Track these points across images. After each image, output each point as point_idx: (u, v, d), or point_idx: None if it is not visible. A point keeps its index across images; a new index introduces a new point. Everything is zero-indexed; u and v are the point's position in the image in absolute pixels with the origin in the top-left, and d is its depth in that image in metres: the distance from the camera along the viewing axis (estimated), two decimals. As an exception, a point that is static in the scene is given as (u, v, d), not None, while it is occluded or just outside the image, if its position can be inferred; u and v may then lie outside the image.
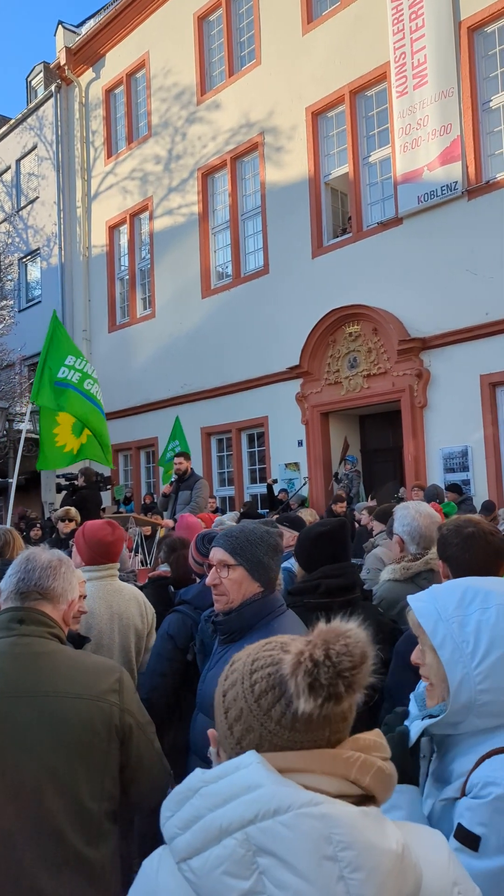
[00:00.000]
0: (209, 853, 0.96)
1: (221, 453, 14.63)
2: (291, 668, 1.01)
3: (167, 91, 15.74)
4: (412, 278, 11.09)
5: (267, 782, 0.98)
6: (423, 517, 3.08)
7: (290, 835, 0.93)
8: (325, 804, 0.96)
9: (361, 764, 1.01)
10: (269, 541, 2.19)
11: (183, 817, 1.01)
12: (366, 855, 0.93)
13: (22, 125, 20.03)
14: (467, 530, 2.20)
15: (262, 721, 1.03)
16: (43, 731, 1.69)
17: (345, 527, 2.85)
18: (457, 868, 1.05)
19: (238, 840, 0.95)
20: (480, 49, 10.64)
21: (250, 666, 1.08)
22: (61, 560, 1.99)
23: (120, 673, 1.88)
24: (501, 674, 1.40)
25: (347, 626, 1.05)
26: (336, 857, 0.92)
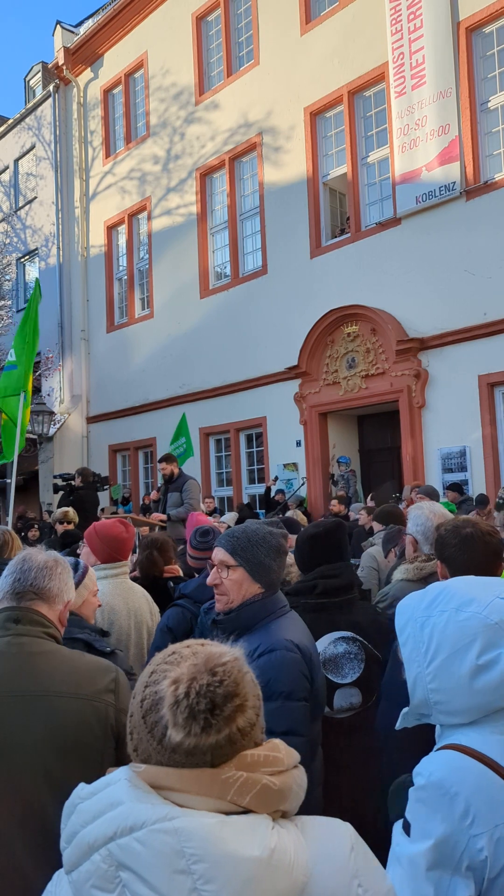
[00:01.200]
0: (82, 867, 1.02)
1: (220, 453, 14.63)
2: (164, 694, 1.03)
3: (165, 91, 15.74)
4: (410, 279, 11.09)
5: (127, 799, 1.01)
6: (437, 517, 3.07)
7: (143, 850, 0.97)
8: (179, 818, 0.98)
9: (241, 784, 1.01)
10: (272, 542, 2.18)
11: (67, 832, 1.06)
12: (219, 866, 0.95)
13: (20, 125, 20.01)
14: (465, 531, 2.20)
15: (147, 738, 1.06)
16: (38, 731, 1.68)
17: (341, 527, 2.85)
18: (359, 860, 1.06)
19: (102, 856, 1.00)
20: (479, 49, 10.65)
21: (147, 678, 1.10)
22: (57, 561, 1.99)
23: (116, 673, 1.87)
24: (446, 676, 1.45)
25: (222, 659, 1.05)
26: (189, 870, 0.95)
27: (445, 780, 1.37)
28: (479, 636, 1.44)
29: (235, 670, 1.05)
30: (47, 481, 15.03)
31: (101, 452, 17.06)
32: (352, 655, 2.50)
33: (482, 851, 1.31)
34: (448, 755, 1.42)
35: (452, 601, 1.51)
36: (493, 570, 2.18)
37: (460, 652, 1.44)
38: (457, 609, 1.49)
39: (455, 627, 1.46)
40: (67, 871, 1.04)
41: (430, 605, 1.53)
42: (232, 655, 1.07)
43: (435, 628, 1.48)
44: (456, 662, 1.44)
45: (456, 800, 1.34)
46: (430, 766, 1.42)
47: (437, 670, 1.46)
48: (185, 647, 1.11)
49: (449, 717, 1.48)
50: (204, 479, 14.45)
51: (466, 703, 1.44)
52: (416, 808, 1.39)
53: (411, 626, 1.53)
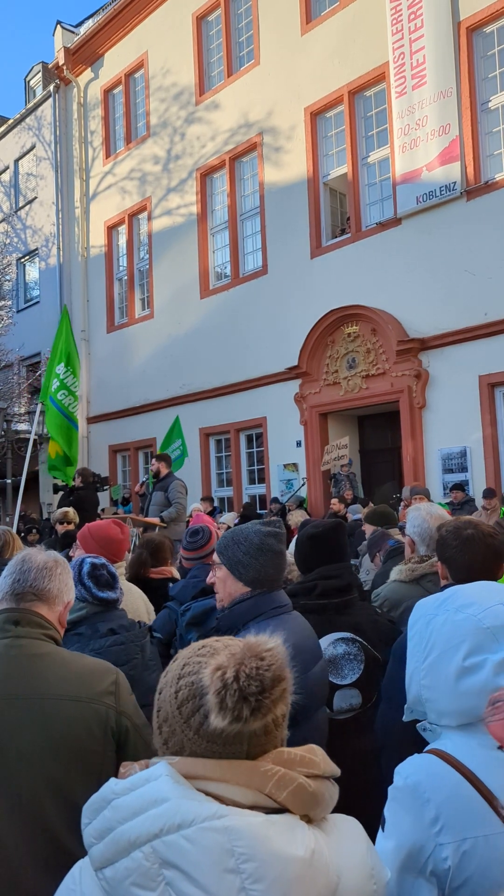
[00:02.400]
0: (120, 864, 0.99)
1: (220, 454, 14.62)
2: (208, 682, 1.03)
3: (166, 91, 15.73)
4: (411, 279, 11.08)
5: (173, 796, 1.00)
6: (435, 519, 3.07)
7: (192, 849, 0.96)
8: (228, 817, 0.98)
9: (279, 778, 1.02)
10: (254, 540, 2.16)
11: (97, 828, 1.04)
12: (268, 865, 0.95)
13: (20, 125, 20.01)
14: (466, 532, 2.20)
15: (183, 728, 1.06)
16: (38, 733, 1.68)
17: (341, 528, 2.84)
18: (373, 857, 1.11)
19: (145, 853, 0.98)
20: (479, 49, 10.64)
21: (180, 670, 1.11)
22: (57, 561, 1.98)
23: (116, 675, 1.86)
24: (437, 674, 1.47)
25: (267, 645, 1.07)
26: (238, 870, 0.95)
27: (420, 785, 1.38)
28: (468, 638, 1.44)
29: (281, 655, 1.07)
30: (47, 481, 15.02)
31: (101, 453, 17.06)
32: (351, 656, 2.49)
33: (447, 860, 1.31)
34: (428, 760, 1.43)
35: (456, 602, 1.53)
36: (494, 572, 2.18)
37: (450, 651, 1.46)
38: (456, 610, 1.50)
39: (450, 627, 1.48)
40: (98, 866, 1.02)
41: (440, 605, 1.55)
42: (275, 642, 1.08)
43: (435, 626, 1.51)
44: (445, 662, 1.46)
45: (427, 806, 1.35)
46: (410, 768, 1.43)
47: (429, 667, 1.49)
48: (215, 641, 1.13)
49: (439, 717, 1.49)
50: (204, 480, 14.45)
51: (452, 704, 1.46)
52: (391, 806, 1.41)
53: (420, 623, 1.56)
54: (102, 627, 2.50)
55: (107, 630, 2.50)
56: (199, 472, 14.42)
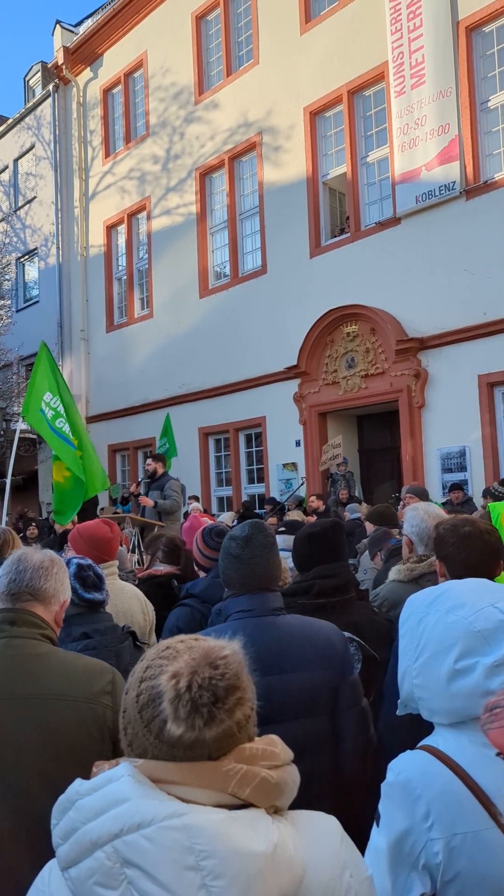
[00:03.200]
0: (83, 864, 1.00)
1: (219, 453, 14.62)
2: (164, 688, 1.03)
3: (165, 91, 15.72)
4: (410, 278, 11.08)
5: (133, 796, 1.01)
6: (433, 518, 3.06)
7: (152, 847, 0.97)
8: (188, 815, 0.98)
9: (241, 776, 1.02)
10: (225, 542, 2.23)
11: (63, 828, 1.05)
12: (227, 862, 0.96)
13: (20, 125, 20.00)
14: (464, 529, 2.20)
15: (144, 733, 1.06)
16: (35, 733, 1.68)
17: (339, 527, 2.84)
18: (349, 853, 1.09)
19: (107, 853, 0.99)
20: (478, 49, 10.64)
21: (142, 673, 1.10)
22: (53, 560, 1.97)
23: (112, 674, 1.86)
24: (429, 674, 1.48)
25: (222, 652, 1.06)
26: (198, 867, 0.95)
27: (412, 781, 1.40)
28: (460, 641, 1.45)
29: (236, 663, 1.06)
30: (47, 481, 15.02)
31: (100, 452, 16.96)
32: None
33: (437, 855, 1.34)
34: (421, 757, 1.45)
35: (448, 602, 1.53)
36: (492, 569, 2.17)
37: (442, 653, 1.46)
38: (448, 611, 1.50)
39: (442, 628, 1.49)
40: (64, 867, 1.03)
41: (431, 604, 1.55)
42: (231, 649, 1.08)
43: (427, 626, 1.52)
44: (437, 663, 1.47)
45: (419, 802, 1.37)
46: (402, 764, 1.45)
47: (421, 667, 1.50)
48: (179, 642, 1.12)
49: (431, 715, 1.51)
50: (203, 479, 14.45)
51: (444, 704, 1.47)
52: (384, 802, 1.44)
53: (411, 621, 1.57)
54: (76, 631, 2.50)
55: (80, 633, 2.50)
56: (199, 472, 14.42)
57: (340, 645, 2.21)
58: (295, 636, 2.13)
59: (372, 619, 2.71)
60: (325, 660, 2.14)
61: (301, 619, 2.30)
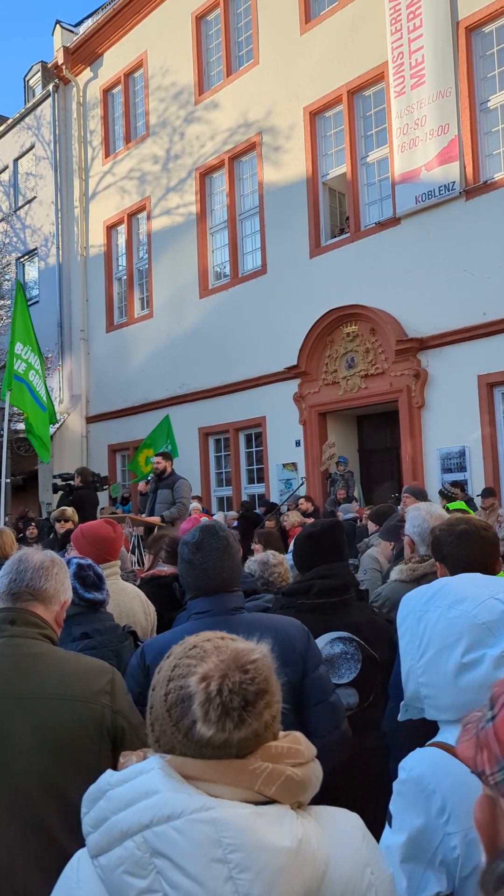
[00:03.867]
0: (113, 853, 1.03)
1: (219, 453, 14.63)
2: (194, 690, 1.05)
3: (165, 91, 15.73)
4: (410, 278, 11.08)
5: (163, 788, 1.03)
6: (434, 518, 3.07)
7: (181, 839, 0.99)
8: (216, 808, 1.01)
9: (268, 775, 1.04)
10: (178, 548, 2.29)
11: (93, 817, 1.07)
12: (254, 855, 0.98)
13: (20, 125, 20.01)
14: (459, 528, 2.21)
15: (172, 731, 1.08)
16: (33, 732, 1.68)
17: (339, 527, 2.84)
18: (370, 850, 1.12)
19: (136, 843, 1.01)
20: (478, 49, 10.64)
21: (170, 672, 1.12)
22: (54, 561, 1.98)
23: (112, 674, 1.87)
24: (435, 671, 1.48)
25: (252, 656, 1.08)
26: (225, 860, 0.98)
27: (424, 777, 1.40)
28: (465, 635, 1.45)
29: (265, 667, 1.08)
30: (46, 481, 15.01)
31: (100, 452, 17.06)
32: (349, 656, 2.49)
33: (455, 850, 1.34)
34: (432, 753, 1.45)
35: (448, 598, 1.53)
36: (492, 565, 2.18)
37: (447, 649, 1.47)
38: (449, 606, 1.51)
39: (445, 624, 1.49)
40: (94, 854, 1.06)
41: (429, 601, 1.55)
42: (260, 652, 1.09)
43: (428, 623, 1.51)
44: (443, 659, 1.47)
45: (433, 797, 1.37)
46: (413, 761, 1.45)
47: (426, 665, 1.49)
48: (206, 641, 1.14)
49: (438, 713, 1.51)
50: (203, 479, 14.45)
51: (452, 699, 1.47)
52: (396, 800, 1.43)
53: (410, 619, 1.56)
54: (76, 630, 2.50)
55: (80, 633, 2.50)
56: (199, 472, 14.42)
57: (301, 642, 2.22)
58: (250, 634, 2.12)
59: (372, 619, 2.71)
60: (283, 656, 2.13)
61: (260, 616, 2.33)
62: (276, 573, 3.60)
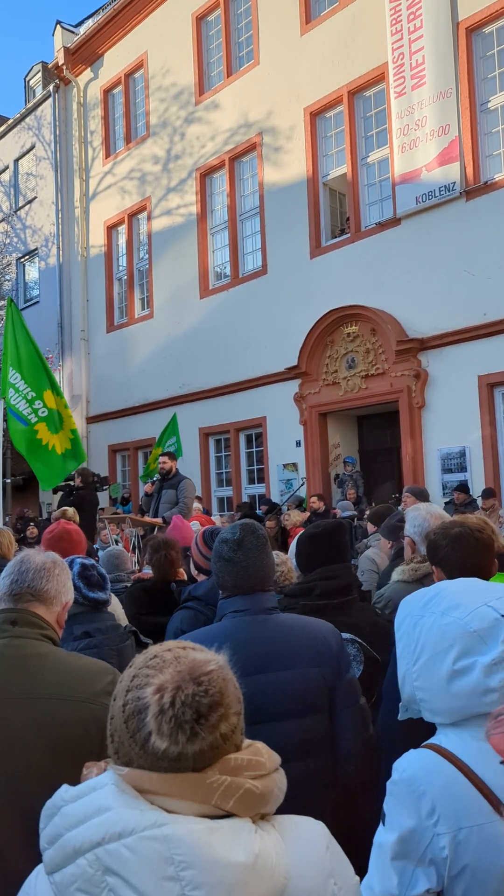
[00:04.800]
0: (66, 870, 1.02)
1: (220, 454, 14.62)
2: (149, 702, 1.04)
3: (165, 91, 15.73)
4: (410, 279, 11.08)
5: (115, 805, 1.02)
6: (435, 518, 3.07)
7: (132, 857, 0.98)
8: (168, 825, 0.99)
9: (225, 788, 1.02)
10: (216, 545, 2.25)
11: (49, 833, 1.07)
12: (207, 872, 0.97)
13: (20, 125, 20.00)
14: (454, 531, 2.20)
15: (129, 743, 1.06)
16: (34, 733, 1.68)
17: (341, 528, 2.84)
18: (335, 860, 1.10)
19: (88, 860, 1.00)
20: (479, 50, 10.65)
21: (129, 682, 1.10)
22: (55, 562, 1.98)
23: (113, 674, 1.86)
24: (429, 676, 1.50)
25: (207, 668, 1.06)
26: (177, 877, 0.97)
27: (416, 779, 1.43)
28: (457, 642, 1.48)
29: (220, 679, 1.06)
30: (47, 481, 15.00)
31: (100, 452, 17.06)
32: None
33: (444, 850, 1.37)
34: (424, 754, 1.48)
35: (442, 604, 1.55)
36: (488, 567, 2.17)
37: (440, 655, 1.49)
38: (443, 613, 1.53)
39: (438, 631, 1.51)
40: (49, 871, 1.05)
41: (425, 605, 1.57)
42: (216, 663, 1.07)
43: (423, 629, 1.54)
44: (436, 665, 1.49)
45: (423, 798, 1.40)
46: (406, 762, 1.48)
47: (421, 669, 1.52)
48: (167, 651, 1.11)
49: (433, 716, 1.54)
50: (204, 479, 14.45)
51: (445, 704, 1.50)
52: (389, 800, 1.46)
53: (406, 624, 1.58)
54: (77, 630, 2.50)
55: (81, 633, 2.50)
56: (199, 472, 14.42)
57: (336, 643, 2.20)
58: (289, 634, 2.12)
59: (374, 620, 2.71)
60: (319, 657, 2.13)
61: (296, 617, 2.30)
62: (279, 572, 3.60)
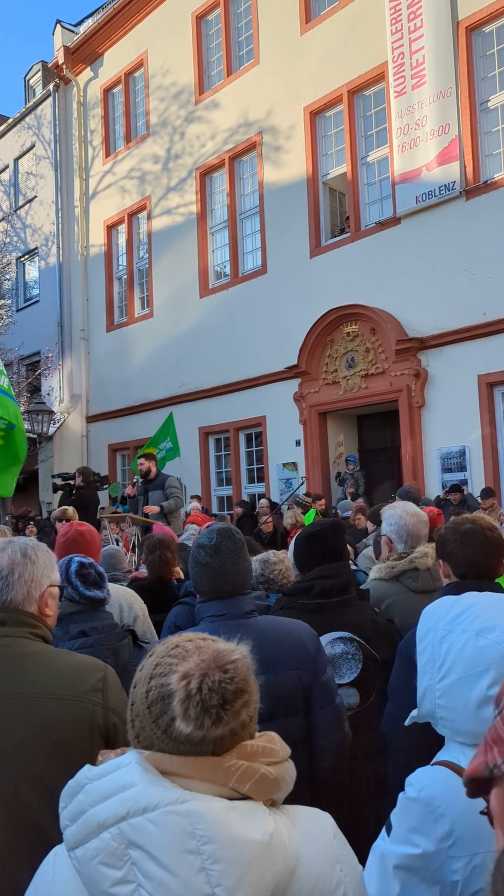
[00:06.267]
0: (89, 844, 1.06)
1: (219, 453, 14.62)
2: (175, 688, 1.08)
3: (165, 90, 15.72)
4: (410, 278, 11.08)
5: (140, 781, 1.07)
6: (410, 516, 3.10)
7: (156, 831, 1.02)
8: (191, 801, 1.04)
9: (242, 772, 1.08)
10: (192, 550, 2.24)
11: (71, 811, 1.11)
12: (226, 847, 1.02)
13: (20, 124, 20.00)
14: (465, 527, 2.21)
15: (152, 727, 1.12)
16: (24, 732, 1.67)
17: (339, 527, 2.84)
18: (341, 848, 1.16)
19: (112, 834, 1.04)
20: (479, 49, 10.64)
21: (152, 670, 1.15)
22: (24, 554, 1.88)
23: (104, 671, 1.85)
24: (455, 696, 1.45)
25: (232, 656, 1.11)
26: (198, 851, 1.01)
27: (435, 799, 1.38)
28: (493, 666, 1.41)
29: (244, 667, 1.11)
30: (47, 481, 15.03)
31: (100, 451, 17.06)
32: (349, 656, 2.50)
33: (456, 873, 1.33)
34: (444, 774, 1.42)
35: (475, 623, 1.48)
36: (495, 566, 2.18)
37: (473, 678, 1.43)
38: (477, 633, 1.46)
39: (472, 652, 1.44)
40: (70, 847, 1.09)
41: (453, 621, 1.51)
42: (240, 653, 1.12)
43: (453, 647, 1.47)
44: (467, 687, 1.43)
45: (441, 821, 1.35)
46: (424, 780, 1.42)
47: (447, 688, 1.46)
48: (188, 641, 1.17)
49: (453, 735, 1.48)
50: (203, 479, 14.46)
51: (471, 727, 1.43)
52: (401, 815, 1.40)
53: (431, 637, 1.52)
54: (73, 629, 2.50)
55: (77, 632, 2.50)
56: (199, 472, 14.43)
57: (312, 645, 2.24)
58: (267, 638, 2.13)
59: (373, 618, 2.71)
60: (297, 660, 2.18)
61: (273, 620, 2.33)
62: (276, 571, 3.61)
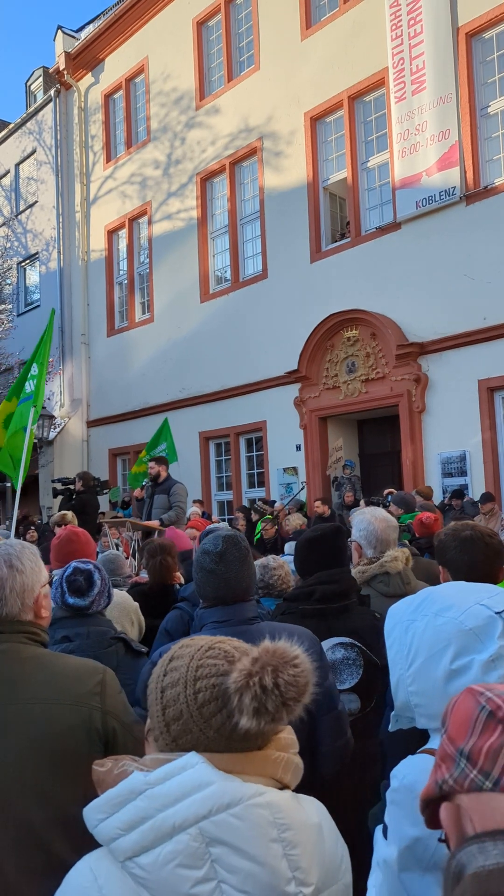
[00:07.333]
0: (160, 849, 1.05)
1: (220, 457, 14.62)
2: (237, 687, 1.10)
3: (166, 96, 15.77)
4: (410, 283, 11.10)
5: (217, 779, 1.09)
6: (379, 521, 3.12)
7: (241, 825, 1.06)
8: (267, 793, 1.11)
9: (285, 763, 1.17)
10: (197, 556, 2.25)
11: (125, 819, 1.08)
12: (301, 832, 1.11)
13: (21, 129, 20.06)
14: (465, 533, 2.21)
15: (202, 727, 1.14)
16: (21, 738, 1.66)
17: (340, 533, 2.83)
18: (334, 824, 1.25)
19: (191, 835, 1.05)
20: (479, 55, 10.67)
21: (194, 672, 1.17)
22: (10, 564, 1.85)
23: (103, 674, 1.83)
24: (424, 679, 1.48)
25: (294, 652, 1.15)
26: (280, 839, 1.08)
27: (417, 784, 1.38)
28: (453, 641, 1.46)
29: (308, 661, 1.17)
30: (47, 485, 15.02)
31: (101, 456, 17.06)
32: (350, 661, 2.49)
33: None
34: (422, 759, 1.45)
35: (434, 606, 1.53)
36: (495, 572, 2.18)
37: (436, 656, 1.47)
38: (435, 614, 1.51)
39: (432, 632, 1.49)
40: (129, 855, 1.06)
41: (415, 610, 1.55)
42: (299, 649, 1.18)
43: (416, 632, 1.52)
44: (432, 666, 1.47)
45: None
46: (405, 769, 1.46)
47: (415, 673, 1.49)
48: (219, 643, 1.21)
49: (429, 721, 1.50)
50: (204, 483, 14.45)
51: (443, 706, 1.46)
52: (391, 810, 1.43)
53: (397, 630, 1.56)
54: (58, 634, 2.49)
55: (61, 637, 2.49)
56: (199, 476, 14.42)
57: (314, 651, 2.22)
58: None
59: (374, 624, 2.70)
60: None
61: (275, 626, 2.31)
62: (276, 576, 3.61)
